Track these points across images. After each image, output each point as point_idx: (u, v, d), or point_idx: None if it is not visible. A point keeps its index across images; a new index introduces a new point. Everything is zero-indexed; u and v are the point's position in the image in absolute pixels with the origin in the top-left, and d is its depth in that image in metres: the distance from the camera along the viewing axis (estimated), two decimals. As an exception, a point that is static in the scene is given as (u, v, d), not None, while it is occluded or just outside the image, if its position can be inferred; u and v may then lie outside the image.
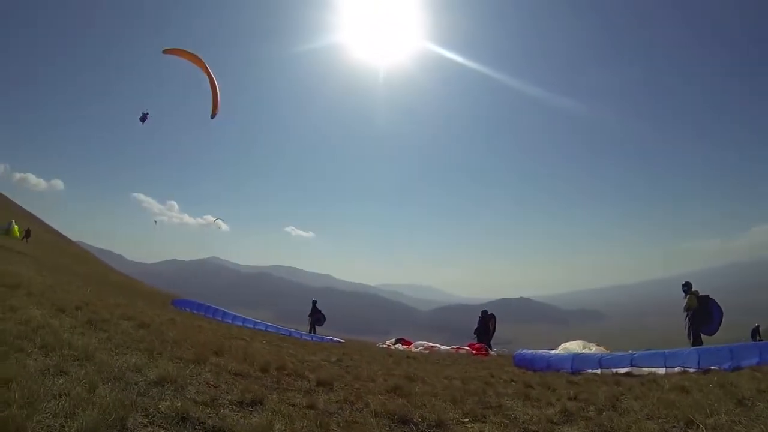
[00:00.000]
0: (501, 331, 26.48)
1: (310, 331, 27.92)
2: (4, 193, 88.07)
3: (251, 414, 5.48)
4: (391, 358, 15.49)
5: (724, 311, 16.48)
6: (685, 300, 16.83)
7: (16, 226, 43.85)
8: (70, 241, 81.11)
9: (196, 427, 4.84)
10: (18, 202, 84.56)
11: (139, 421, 4.65)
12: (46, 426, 4.10)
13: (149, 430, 4.54)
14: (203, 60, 18.93)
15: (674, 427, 6.20)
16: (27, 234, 44.57)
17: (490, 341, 25.13)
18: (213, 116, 19.05)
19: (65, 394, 4.79)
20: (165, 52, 19.67)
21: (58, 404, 4.51)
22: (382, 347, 22.99)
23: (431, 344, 22.97)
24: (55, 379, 5.28)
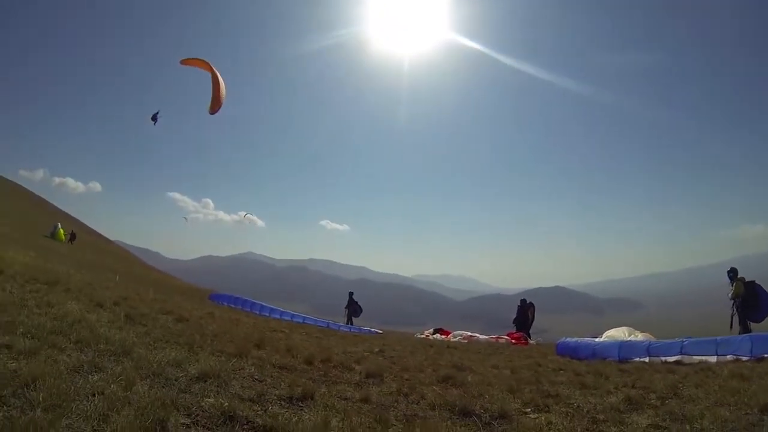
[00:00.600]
0: (536, 320, 25.96)
1: (347, 323, 27.75)
2: (45, 197, 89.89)
3: (302, 410, 5.17)
4: (432, 348, 15.17)
5: None
6: (732, 287, 16.02)
7: (61, 230, 44.24)
8: (108, 240, 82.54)
9: (244, 426, 4.45)
10: (58, 205, 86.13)
11: (181, 422, 4.26)
12: (75, 430, 3.71)
13: (192, 431, 4.14)
14: (210, 63, 18.95)
15: (747, 414, 5.96)
16: (72, 237, 44.81)
17: (529, 330, 24.66)
18: (212, 112, 19.03)
19: (99, 392, 4.45)
20: (182, 63, 19.73)
21: (90, 405, 4.14)
22: (421, 337, 22.66)
23: (470, 333, 22.56)
24: (89, 377, 4.96)
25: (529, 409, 6.45)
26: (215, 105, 18.94)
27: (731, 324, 15.94)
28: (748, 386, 7.31)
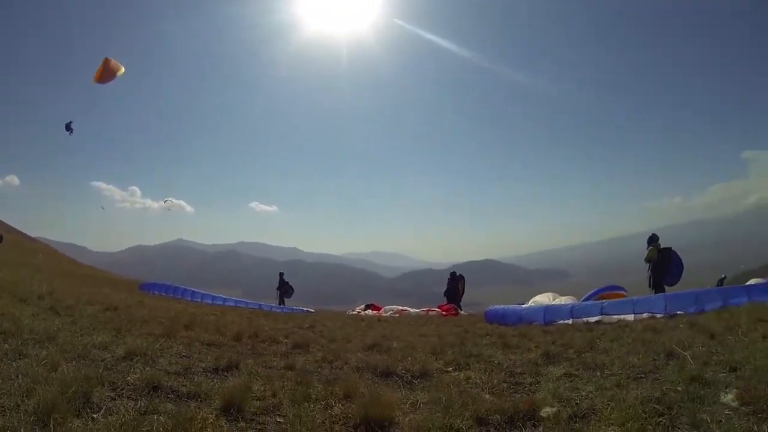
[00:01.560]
0: (468, 293, 26.69)
1: (279, 304, 27.82)
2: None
3: (227, 379, 5.36)
4: (363, 323, 15.49)
5: (685, 265, 16.86)
6: (647, 251, 17.16)
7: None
8: (30, 238, 78.90)
9: (169, 395, 4.62)
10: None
11: (106, 394, 4.38)
12: (0, 406, 3.82)
13: (117, 402, 4.25)
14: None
15: (655, 359, 6.42)
16: None
17: (459, 302, 25.36)
18: (98, 81, 18.76)
19: (23, 374, 4.50)
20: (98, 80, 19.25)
21: (14, 384, 4.23)
22: (353, 314, 23.00)
23: (401, 308, 23.09)
24: (12, 363, 4.98)
25: (451, 368, 6.80)
26: (98, 77, 18.66)
27: (649, 284, 17.04)
28: (658, 337, 7.99)
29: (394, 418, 4.23)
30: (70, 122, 20.78)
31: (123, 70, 19.47)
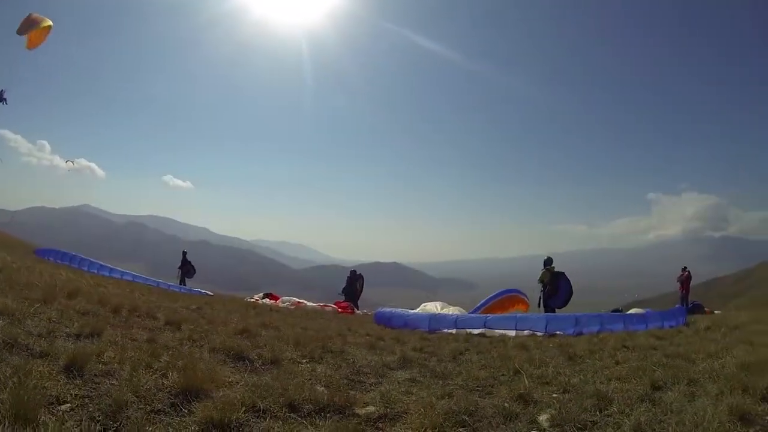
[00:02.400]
0: (371, 294, 27.43)
1: (180, 283, 27.55)
2: None
3: (86, 345, 5.55)
4: (254, 310, 15.72)
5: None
6: (541, 273, 18.44)
7: None
8: None
9: (23, 353, 4.89)
10: None
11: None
12: None
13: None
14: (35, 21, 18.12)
15: (503, 375, 6.97)
16: None
17: (357, 301, 26.03)
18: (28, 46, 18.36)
19: None
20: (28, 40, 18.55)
21: None
22: (250, 301, 23.18)
23: (298, 300, 23.45)
24: None
25: (305, 360, 7.15)
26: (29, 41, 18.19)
27: (539, 304, 18.39)
28: (522, 354, 8.66)
29: (210, 391, 4.65)
30: (2, 91, 19.84)
31: (49, 22, 18.72)
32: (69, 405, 3.92)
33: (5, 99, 19.86)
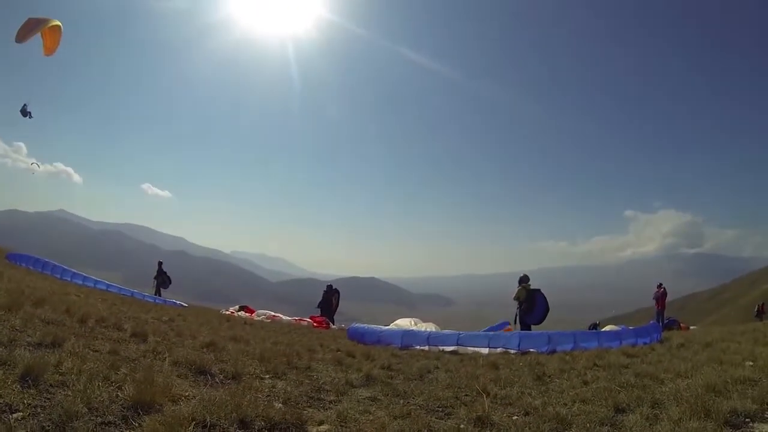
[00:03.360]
0: (349, 308, 27.55)
1: (155, 294, 27.33)
2: None
3: (45, 355, 5.50)
4: (227, 323, 15.68)
5: (551, 306, 18.28)
6: (516, 291, 18.56)
7: None
8: None
9: None
10: None
11: None
12: None
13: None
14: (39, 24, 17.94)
15: (466, 395, 6.92)
16: None
17: (332, 316, 25.93)
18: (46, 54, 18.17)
19: None
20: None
21: None
22: (225, 314, 23.14)
23: (273, 314, 23.43)
24: None
25: (268, 376, 7.11)
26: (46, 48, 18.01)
27: (514, 321, 18.23)
28: (491, 373, 8.63)
29: (162, 405, 4.64)
30: (25, 105, 19.58)
31: (56, 21, 18.35)
32: (21, 414, 3.94)
33: (29, 112, 19.64)
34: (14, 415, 3.90)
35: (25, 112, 19.68)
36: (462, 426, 5.24)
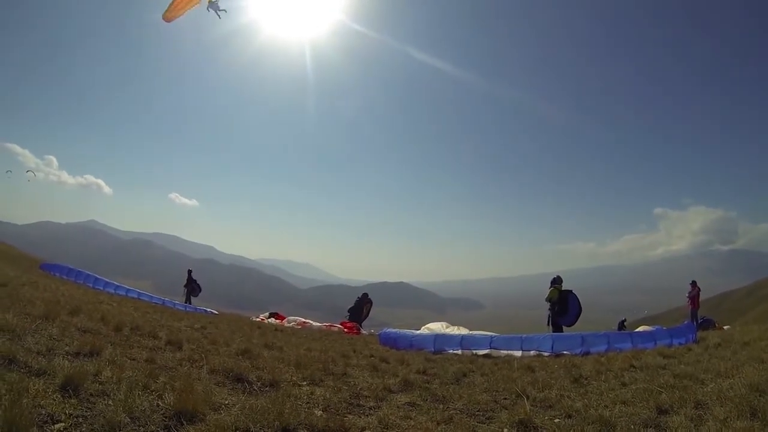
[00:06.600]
0: (378, 314, 27.37)
1: (185, 302, 27.52)
2: None
3: (85, 363, 5.51)
4: (258, 330, 15.65)
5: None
6: (548, 292, 18.28)
7: None
8: None
9: (21, 370, 4.88)
10: None
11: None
12: None
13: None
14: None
15: (505, 398, 6.87)
16: None
17: (362, 322, 25.89)
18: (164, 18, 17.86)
19: None
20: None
21: None
22: (255, 320, 23.14)
23: (304, 320, 23.34)
24: None
25: (305, 383, 7.03)
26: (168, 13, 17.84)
27: (548, 323, 18.01)
28: (527, 376, 8.56)
29: (205, 414, 4.58)
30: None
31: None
32: (63, 424, 3.89)
33: (224, 9, 18.61)
34: (56, 426, 3.86)
35: (217, 10, 18.70)
36: (506, 430, 5.21)
